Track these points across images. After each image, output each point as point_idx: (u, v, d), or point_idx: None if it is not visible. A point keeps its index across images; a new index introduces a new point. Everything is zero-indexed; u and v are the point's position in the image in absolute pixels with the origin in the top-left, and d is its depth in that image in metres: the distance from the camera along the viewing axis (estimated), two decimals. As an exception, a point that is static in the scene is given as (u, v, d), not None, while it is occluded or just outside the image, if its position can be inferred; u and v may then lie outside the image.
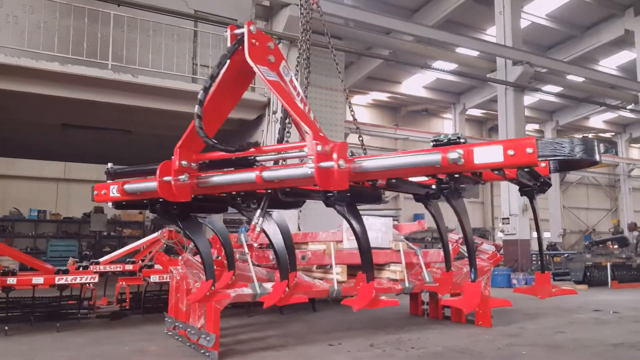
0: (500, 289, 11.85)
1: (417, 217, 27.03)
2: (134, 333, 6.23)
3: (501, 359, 5.02)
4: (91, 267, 7.86)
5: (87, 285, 6.68)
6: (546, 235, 27.71)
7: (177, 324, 5.72)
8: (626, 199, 30.69)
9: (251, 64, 3.37)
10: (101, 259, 8.53)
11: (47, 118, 10.83)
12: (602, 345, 5.60)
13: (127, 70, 9.18)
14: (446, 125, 28.09)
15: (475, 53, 16.44)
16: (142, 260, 8.96)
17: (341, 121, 12.61)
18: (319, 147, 2.81)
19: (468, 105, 25.14)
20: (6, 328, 5.98)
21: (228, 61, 3.50)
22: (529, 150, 2.61)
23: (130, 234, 19.69)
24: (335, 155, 2.82)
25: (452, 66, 19.29)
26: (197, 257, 6.04)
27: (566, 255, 14.61)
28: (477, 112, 27.86)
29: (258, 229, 3.49)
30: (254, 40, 3.43)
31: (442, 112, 28.05)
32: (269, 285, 5.11)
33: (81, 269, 6.85)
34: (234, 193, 3.59)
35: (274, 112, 10.49)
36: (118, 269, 8.43)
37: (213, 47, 10.75)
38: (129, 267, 8.37)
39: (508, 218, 13.91)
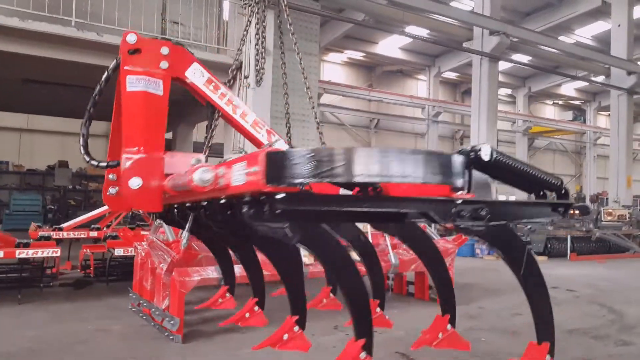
0: (464, 259, 12.21)
1: (387, 178, 27.37)
2: (97, 307, 6.19)
3: (459, 345, 5.19)
4: (53, 234, 7.73)
5: (50, 255, 6.56)
6: (512, 198, 28.46)
7: (141, 301, 5.69)
8: (590, 165, 31.66)
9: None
10: (64, 225, 8.37)
11: (7, 73, 10.29)
12: (557, 331, 5.79)
13: (92, 27, 8.71)
14: (420, 87, 28.02)
15: (452, 20, 16.23)
16: (108, 226, 8.84)
17: (315, 86, 12.40)
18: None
19: (443, 68, 25.07)
20: (-36, 301, 5.86)
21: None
22: (254, 168, 1.64)
23: (96, 188, 19.28)
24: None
25: (429, 32, 19.05)
26: (160, 238, 5.99)
27: (529, 226, 15.06)
28: (452, 75, 27.83)
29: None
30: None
31: (417, 73, 27.91)
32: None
33: (42, 239, 6.69)
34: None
35: (247, 77, 10.21)
36: (82, 236, 8.30)
37: (183, 2, 10.28)
38: (94, 234, 8.24)
39: (475, 189, 14.14)
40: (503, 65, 24.10)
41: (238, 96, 10.40)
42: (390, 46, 24.08)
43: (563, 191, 2.25)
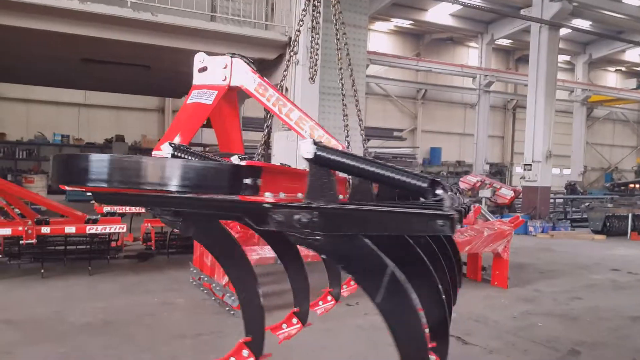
0: (516, 236, 11.96)
1: (433, 151, 26.92)
2: (160, 280, 6.51)
3: (517, 330, 5.14)
4: (117, 208, 8.11)
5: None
6: (566, 172, 27.47)
7: (202, 276, 5.94)
8: (653, 137, 29.96)
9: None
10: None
11: (67, 53, 10.68)
12: (620, 318, 5.68)
13: (147, 8, 8.86)
14: (471, 55, 27.09)
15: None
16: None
17: (363, 60, 12.21)
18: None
19: (497, 35, 24.03)
20: (42, 271, 6.30)
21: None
22: None
23: (150, 161, 19.99)
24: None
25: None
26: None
27: (587, 204, 14.52)
28: (506, 42, 26.69)
29: None
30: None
31: (468, 41, 26.95)
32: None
33: (108, 215, 7.06)
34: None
35: (295, 53, 10.16)
36: (143, 210, 8.65)
37: (234, -20, 10.26)
38: (154, 209, 8.57)
39: (530, 164, 13.72)
40: (561, 30, 22.86)
41: (286, 73, 10.41)
42: (440, 13, 23.26)
43: (437, 196, 1.46)
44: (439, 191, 1.50)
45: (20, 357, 3.92)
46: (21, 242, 5.95)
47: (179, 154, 1.80)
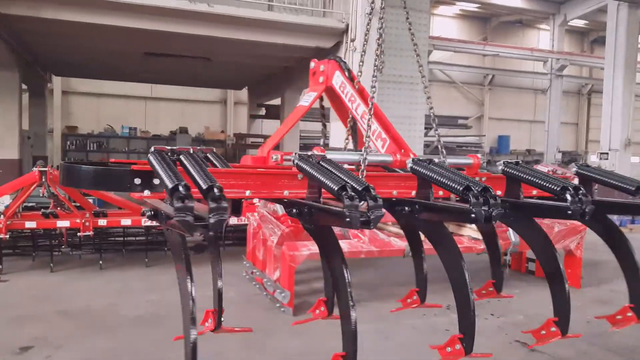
0: (590, 231, 11.13)
1: (501, 139, 25.70)
2: (214, 273, 6.50)
3: (590, 337, 4.69)
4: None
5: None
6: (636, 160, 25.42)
7: (254, 270, 5.87)
8: None
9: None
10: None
11: (130, 47, 10.99)
12: None
13: (203, -1, 8.92)
14: (542, 37, 25.52)
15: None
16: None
17: (424, 45, 11.69)
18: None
19: (570, 16, 22.41)
20: (100, 262, 6.47)
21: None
22: None
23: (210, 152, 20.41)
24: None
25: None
26: (271, 212, 6.06)
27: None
28: (580, 23, 24.92)
29: None
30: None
31: (538, 23, 25.39)
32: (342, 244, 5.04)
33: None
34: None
35: (352, 40, 9.88)
36: (198, 202, 8.75)
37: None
38: (210, 200, 8.64)
39: (607, 153, 12.68)
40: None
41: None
42: (509, -6, 22.04)
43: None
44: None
45: (70, 351, 3.98)
46: (78, 234, 6.12)
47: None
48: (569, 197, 2.53)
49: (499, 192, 2.77)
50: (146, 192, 2.19)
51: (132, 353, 3.97)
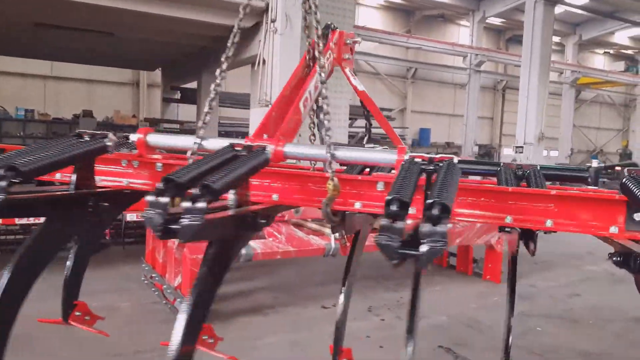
0: (505, 223, 11.36)
1: (422, 131, 26.14)
2: (109, 278, 5.67)
3: (513, 337, 4.46)
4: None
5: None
6: (553, 154, 27.03)
7: (153, 274, 5.15)
8: (640, 120, 29.58)
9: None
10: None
11: (17, 16, 9.61)
12: (623, 320, 5.12)
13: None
14: (462, 33, 26.21)
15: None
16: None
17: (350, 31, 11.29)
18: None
19: (489, 13, 23.15)
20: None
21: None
22: None
23: (124, 138, 18.95)
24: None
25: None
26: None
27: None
28: (497, 21, 25.84)
29: None
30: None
31: (459, 19, 26.03)
32: (254, 245, 4.48)
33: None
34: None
35: (273, 21, 9.22)
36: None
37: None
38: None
39: (522, 147, 13.03)
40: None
41: (264, 44, 9.48)
42: (431, -12, 22.33)
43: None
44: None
45: None
46: None
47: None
48: None
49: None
50: None
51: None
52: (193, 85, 14.99)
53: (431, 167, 1.66)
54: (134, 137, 2.01)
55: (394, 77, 25.67)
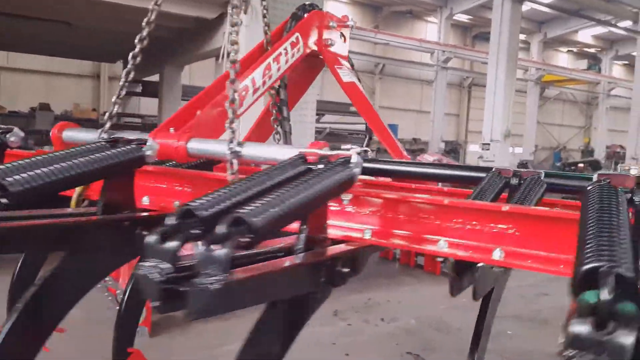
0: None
1: (390, 127, 26.11)
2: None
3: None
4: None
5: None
6: (518, 151, 27.47)
7: (107, 278, 4.83)
8: (602, 117, 30.38)
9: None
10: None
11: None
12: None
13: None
14: (430, 30, 26.34)
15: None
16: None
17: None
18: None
19: (456, 9, 23.31)
20: None
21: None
22: None
23: (84, 133, 18.25)
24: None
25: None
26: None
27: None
28: (464, 18, 26.07)
29: None
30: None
31: (427, 15, 26.13)
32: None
33: None
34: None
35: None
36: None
37: None
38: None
39: (489, 144, 13.10)
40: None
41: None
42: (400, -16, 22.30)
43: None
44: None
45: None
46: None
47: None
48: None
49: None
50: None
51: None
52: (155, 77, 14.51)
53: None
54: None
55: (362, 72, 25.56)
